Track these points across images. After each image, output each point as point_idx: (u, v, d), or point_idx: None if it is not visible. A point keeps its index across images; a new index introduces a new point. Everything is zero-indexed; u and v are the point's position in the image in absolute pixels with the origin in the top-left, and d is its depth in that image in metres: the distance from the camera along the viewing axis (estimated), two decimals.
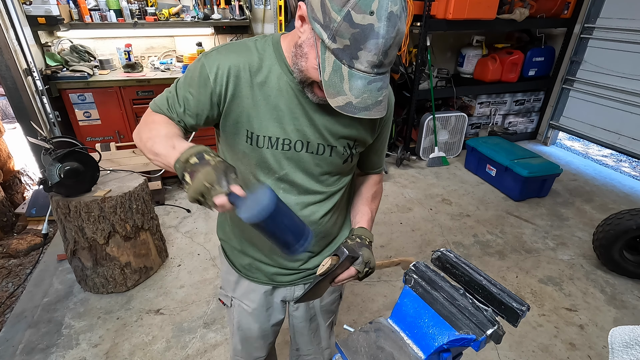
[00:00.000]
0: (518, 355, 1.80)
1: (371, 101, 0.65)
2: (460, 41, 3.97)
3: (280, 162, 0.83)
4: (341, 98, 0.64)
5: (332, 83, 0.64)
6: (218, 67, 0.76)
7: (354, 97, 0.64)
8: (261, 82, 0.78)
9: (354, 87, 0.63)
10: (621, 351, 0.64)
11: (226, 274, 1.07)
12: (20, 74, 2.56)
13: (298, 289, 1.04)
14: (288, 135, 0.80)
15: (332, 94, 0.65)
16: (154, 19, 3.08)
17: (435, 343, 0.61)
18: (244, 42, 0.81)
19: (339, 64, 0.63)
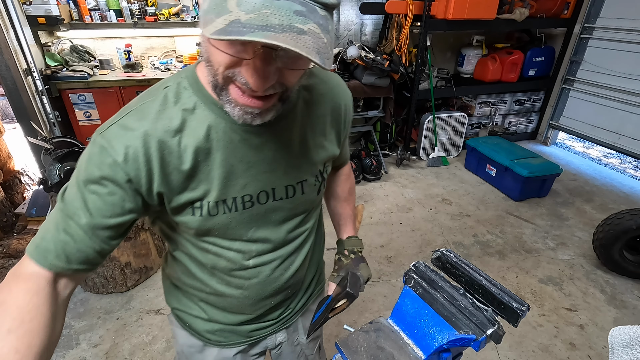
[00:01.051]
0: (518, 355, 1.80)
1: (277, 20, 0.40)
2: (460, 41, 3.97)
3: (246, 224, 0.67)
4: (222, 19, 0.41)
5: (211, 7, 0.43)
6: (127, 147, 0.54)
7: (244, 13, 0.40)
8: (192, 141, 0.58)
9: (247, 2, 0.40)
10: (621, 351, 0.64)
11: (186, 345, 0.87)
12: (20, 74, 2.56)
13: (280, 335, 0.90)
14: (246, 190, 0.64)
15: (210, 20, 0.42)
16: (154, 19, 3.08)
17: (435, 343, 0.61)
18: (151, 95, 0.59)
19: None
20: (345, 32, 3.73)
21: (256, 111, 0.53)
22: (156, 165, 0.57)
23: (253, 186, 0.64)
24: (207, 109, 0.59)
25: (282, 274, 0.76)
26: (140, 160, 0.55)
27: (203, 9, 0.45)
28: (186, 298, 0.81)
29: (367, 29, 3.80)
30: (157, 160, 0.57)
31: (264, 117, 0.55)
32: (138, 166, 0.55)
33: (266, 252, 0.72)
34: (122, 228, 0.59)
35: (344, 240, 0.90)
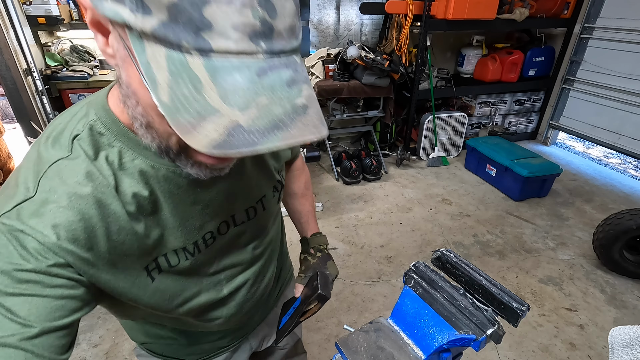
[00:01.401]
0: (518, 355, 1.80)
1: (281, 108, 0.32)
2: (460, 41, 3.97)
3: (209, 260, 0.60)
4: (213, 124, 0.30)
5: (181, 102, 0.30)
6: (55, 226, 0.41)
7: (239, 110, 0.31)
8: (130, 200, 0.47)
9: (231, 91, 0.31)
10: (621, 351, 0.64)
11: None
12: (20, 74, 2.56)
13: (262, 331, 0.87)
14: (205, 229, 0.56)
15: (189, 124, 0.30)
16: None
17: (435, 343, 0.61)
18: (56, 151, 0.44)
19: (180, 57, 0.30)
20: (345, 32, 3.73)
21: (225, 166, 0.47)
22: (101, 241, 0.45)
23: (212, 222, 0.57)
24: (139, 156, 0.47)
25: (258, 288, 0.72)
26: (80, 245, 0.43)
27: (164, 103, 0.31)
28: (157, 329, 0.71)
29: (367, 29, 3.80)
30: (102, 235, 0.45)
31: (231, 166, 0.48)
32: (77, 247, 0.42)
33: (237, 274, 0.67)
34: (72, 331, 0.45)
35: (308, 238, 0.85)
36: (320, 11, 3.56)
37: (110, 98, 0.48)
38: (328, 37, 3.70)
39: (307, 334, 1.89)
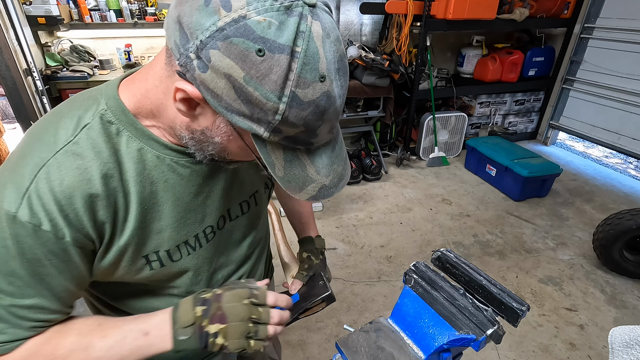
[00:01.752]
0: (518, 355, 1.80)
1: (341, 167, 0.50)
2: (460, 41, 3.97)
3: (211, 256, 0.63)
4: (311, 187, 0.47)
5: (292, 177, 0.46)
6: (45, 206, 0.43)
7: (325, 177, 0.48)
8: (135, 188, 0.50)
9: (321, 167, 0.47)
10: (621, 351, 0.64)
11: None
12: (20, 74, 2.56)
13: None
14: (205, 222, 0.59)
15: (297, 188, 0.47)
16: (154, 19, 3.08)
17: (435, 343, 0.61)
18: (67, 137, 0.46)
19: (293, 153, 0.45)
20: (345, 32, 3.73)
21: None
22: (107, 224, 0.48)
23: (212, 216, 0.59)
24: (145, 145, 0.50)
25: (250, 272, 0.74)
26: (85, 223, 0.46)
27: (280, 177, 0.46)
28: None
29: (367, 29, 3.80)
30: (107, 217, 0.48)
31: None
32: (82, 230, 0.46)
33: (231, 273, 0.68)
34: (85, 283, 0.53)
35: (314, 238, 0.88)
36: None
37: (121, 90, 0.50)
38: None
39: (307, 334, 1.89)
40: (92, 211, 0.46)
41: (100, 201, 0.47)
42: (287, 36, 0.36)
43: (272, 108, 0.39)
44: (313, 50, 0.37)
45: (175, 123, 0.48)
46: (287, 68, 0.36)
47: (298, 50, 0.36)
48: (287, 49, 0.36)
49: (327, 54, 0.38)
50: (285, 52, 0.36)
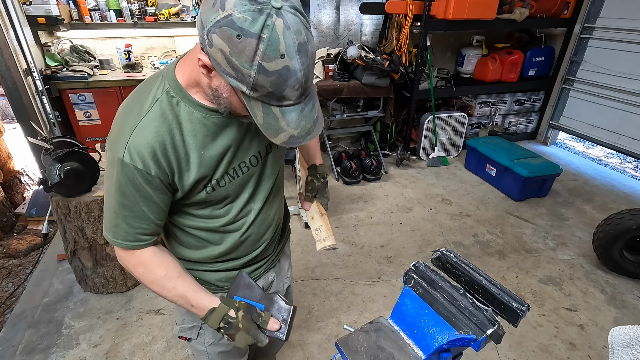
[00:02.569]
0: (518, 355, 1.80)
1: (309, 124, 0.66)
2: (460, 41, 3.97)
3: (244, 184, 0.85)
4: (283, 135, 0.64)
5: (268, 125, 0.64)
6: (143, 155, 0.69)
7: (294, 129, 0.64)
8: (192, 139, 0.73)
9: (291, 121, 0.63)
10: (621, 351, 0.64)
11: None
12: (20, 74, 2.56)
13: (270, 274, 1.07)
14: (237, 159, 0.80)
15: (273, 134, 0.64)
16: (154, 19, 3.09)
17: (435, 343, 0.61)
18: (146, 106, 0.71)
19: (268, 107, 0.62)
20: (345, 32, 3.73)
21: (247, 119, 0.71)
22: (173, 161, 0.72)
23: (245, 154, 0.82)
24: (196, 110, 0.73)
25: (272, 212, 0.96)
26: (162, 164, 0.71)
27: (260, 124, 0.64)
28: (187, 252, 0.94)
29: (367, 29, 3.80)
30: (174, 160, 0.72)
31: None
32: (161, 167, 0.71)
33: (263, 199, 0.91)
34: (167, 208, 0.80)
35: (317, 165, 1.13)
36: (320, 11, 3.56)
37: (177, 72, 0.73)
38: (328, 37, 3.70)
39: (307, 334, 1.89)
40: (165, 155, 0.71)
41: (170, 149, 0.71)
42: (257, 27, 0.54)
43: (247, 73, 0.57)
44: (275, 37, 0.54)
45: (205, 86, 0.68)
46: (255, 47, 0.55)
47: (264, 36, 0.54)
48: (256, 35, 0.54)
49: (286, 40, 0.55)
50: (254, 37, 0.54)
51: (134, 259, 0.80)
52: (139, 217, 0.74)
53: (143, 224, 0.76)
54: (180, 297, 0.79)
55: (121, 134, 0.70)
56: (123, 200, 0.72)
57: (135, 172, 0.69)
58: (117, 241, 0.76)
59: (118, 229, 0.75)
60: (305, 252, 2.48)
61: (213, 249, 0.91)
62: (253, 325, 0.76)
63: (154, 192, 0.73)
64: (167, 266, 0.80)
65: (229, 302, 0.77)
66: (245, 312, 0.76)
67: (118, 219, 0.74)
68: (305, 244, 2.54)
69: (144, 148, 0.68)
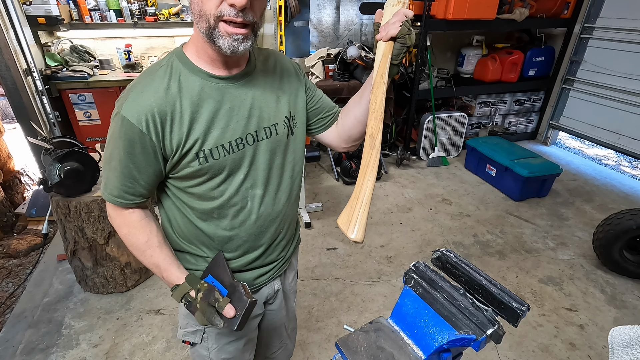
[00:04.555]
0: (518, 355, 1.80)
1: None
2: (460, 41, 3.97)
3: (239, 162, 0.83)
4: None
5: None
6: (140, 114, 0.72)
7: None
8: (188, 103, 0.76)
9: None
10: (621, 351, 0.64)
11: None
12: (20, 74, 2.56)
13: (277, 283, 1.05)
14: (235, 134, 0.80)
15: None
16: (154, 19, 3.08)
17: (435, 343, 0.61)
18: (152, 73, 0.77)
19: None
20: (345, 32, 3.73)
21: (240, 37, 0.71)
22: (168, 125, 0.74)
23: (240, 130, 0.81)
24: (196, 76, 0.77)
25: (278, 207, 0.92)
26: (157, 124, 0.73)
27: None
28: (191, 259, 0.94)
29: (367, 29, 3.80)
30: (169, 121, 0.74)
31: (245, 43, 0.72)
32: (155, 128, 0.73)
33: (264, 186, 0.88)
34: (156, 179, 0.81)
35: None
36: (320, 11, 3.56)
37: (184, 48, 0.80)
38: (328, 37, 3.70)
39: (307, 333, 1.89)
40: (161, 116, 0.73)
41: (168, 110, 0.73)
42: None
43: None
44: None
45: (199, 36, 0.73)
46: None
47: None
48: None
49: None
50: None
51: (120, 218, 0.84)
52: (126, 174, 0.77)
53: (128, 182, 0.78)
54: (154, 265, 0.83)
55: (125, 93, 0.76)
56: (114, 152, 0.76)
57: (130, 127, 0.72)
58: (105, 193, 0.81)
59: (108, 181, 0.80)
60: (305, 252, 2.48)
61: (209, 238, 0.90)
62: (210, 308, 0.76)
63: (143, 150, 0.75)
64: (150, 233, 0.83)
65: (192, 282, 0.80)
66: (204, 295, 0.78)
67: (110, 172, 0.78)
68: (305, 244, 2.54)
69: (142, 107, 0.72)
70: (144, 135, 0.73)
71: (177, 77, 0.76)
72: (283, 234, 0.99)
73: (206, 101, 0.77)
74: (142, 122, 0.72)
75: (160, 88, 0.74)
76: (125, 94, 0.76)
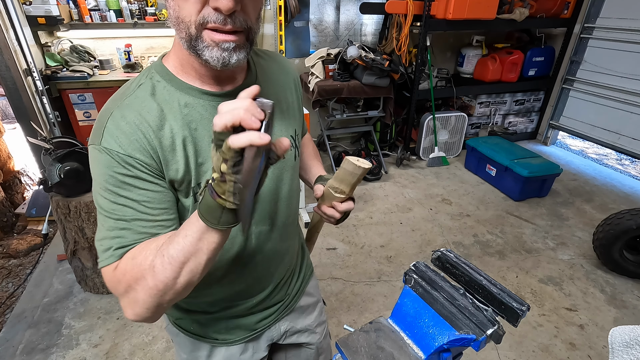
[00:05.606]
0: (518, 355, 1.80)
1: None
2: (460, 41, 3.97)
3: None
4: None
5: None
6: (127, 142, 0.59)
7: None
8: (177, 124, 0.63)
9: None
10: (621, 351, 0.64)
11: (192, 352, 0.88)
12: (20, 74, 2.56)
13: (283, 324, 0.92)
14: None
15: None
16: (154, 19, 3.08)
17: (435, 343, 0.61)
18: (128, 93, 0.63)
19: None
20: (345, 32, 3.73)
21: (231, 46, 0.57)
22: (160, 152, 0.61)
23: None
24: (183, 93, 0.64)
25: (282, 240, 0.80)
26: (149, 150, 0.60)
27: None
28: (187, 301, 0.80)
29: (367, 29, 3.79)
30: (159, 147, 0.61)
31: (238, 54, 0.59)
32: (145, 152, 0.60)
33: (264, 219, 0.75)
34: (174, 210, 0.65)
35: (322, 175, 0.92)
36: (320, 11, 3.56)
37: (164, 60, 0.67)
38: (328, 37, 3.70)
39: None
40: (148, 140, 0.60)
41: (153, 133, 0.60)
42: None
43: None
44: None
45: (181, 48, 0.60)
46: None
47: None
48: None
49: None
50: None
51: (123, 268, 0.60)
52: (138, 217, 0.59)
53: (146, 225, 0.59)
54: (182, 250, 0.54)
55: (98, 124, 0.61)
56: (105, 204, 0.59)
57: (116, 157, 0.57)
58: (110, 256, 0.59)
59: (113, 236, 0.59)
60: None
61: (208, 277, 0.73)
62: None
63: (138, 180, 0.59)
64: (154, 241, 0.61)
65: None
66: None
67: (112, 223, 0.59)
68: None
69: (124, 133, 0.58)
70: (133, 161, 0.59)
71: (161, 96, 0.63)
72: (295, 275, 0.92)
73: (200, 123, 0.64)
74: (126, 147, 0.58)
75: (143, 110, 0.61)
76: (96, 125, 0.61)
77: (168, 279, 0.53)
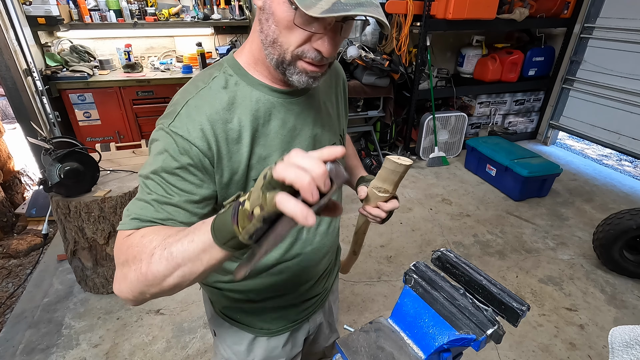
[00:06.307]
0: (518, 355, 1.80)
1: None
2: (460, 41, 3.97)
3: None
4: (324, 1, 0.51)
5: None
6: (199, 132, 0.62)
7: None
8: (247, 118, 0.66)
9: None
10: (621, 351, 0.64)
11: (233, 345, 0.90)
12: (20, 74, 2.56)
13: (318, 315, 0.98)
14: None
15: (310, 4, 0.51)
16: (154, 19, 3.09)
17: (435, 343, 0.61)
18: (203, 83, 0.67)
19: None
20: None
21: (319, 75, 0.63)
22: (223, 144, 0.64)
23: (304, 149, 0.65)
24: (254, 89, 0.68)
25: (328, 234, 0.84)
26: (212, 142, 0.62)
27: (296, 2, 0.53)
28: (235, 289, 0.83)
29: (367, 29, 3.79)
30: (224, 140, 0.64)
31: (320, 79, 0.65)
32: (210, 148, 0.62)
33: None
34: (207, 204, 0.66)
35: (364, 176, 1.00)
36: None
37: (236, 55, 0.71)
38: None
39: None
40: (215, 134, 0.63)
41: (221, 127, 0.63)
42: None
43: None
44: None
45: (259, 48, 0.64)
46: None
47: None
48: None
49: None
50: None
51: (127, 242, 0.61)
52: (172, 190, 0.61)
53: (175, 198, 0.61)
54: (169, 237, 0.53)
55: (172, 108, 0.65)
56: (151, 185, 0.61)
57: (179, 141, 0.61)
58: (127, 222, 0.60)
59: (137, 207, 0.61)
60: None
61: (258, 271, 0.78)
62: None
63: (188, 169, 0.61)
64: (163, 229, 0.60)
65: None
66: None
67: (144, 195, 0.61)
68: None
69: (194, 121, 0.62)
70: (192, 150, 0.61)
71: (234, 90, 0.66)
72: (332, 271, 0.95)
73: (268, 118, 0.68)
74: (192, 136, 0.61)
75: (216, 101, 0.64)
76: (169, 109, 0.65)
77: (159, 273, 0.51)
